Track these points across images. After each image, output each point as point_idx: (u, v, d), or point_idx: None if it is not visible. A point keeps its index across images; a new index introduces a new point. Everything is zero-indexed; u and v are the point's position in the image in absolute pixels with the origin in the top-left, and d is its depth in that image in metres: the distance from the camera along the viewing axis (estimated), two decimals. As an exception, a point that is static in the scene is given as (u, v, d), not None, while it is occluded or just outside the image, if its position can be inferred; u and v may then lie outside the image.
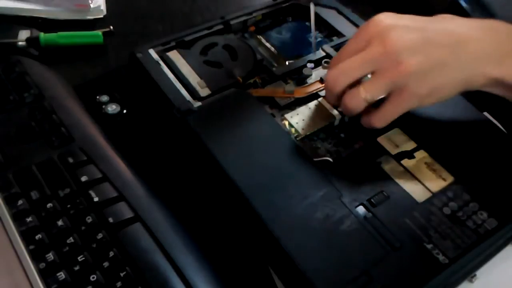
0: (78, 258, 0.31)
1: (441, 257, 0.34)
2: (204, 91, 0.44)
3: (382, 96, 0.38)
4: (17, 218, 0.33)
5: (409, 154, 0.40)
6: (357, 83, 0.38)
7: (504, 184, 0.38)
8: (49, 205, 0.34)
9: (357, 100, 0.37)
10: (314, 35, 0.49)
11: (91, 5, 0.54)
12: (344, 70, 0.38)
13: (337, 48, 0.49)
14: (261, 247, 0.36)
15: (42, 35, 0.50)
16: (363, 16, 0.52)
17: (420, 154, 0.40)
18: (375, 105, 0.38)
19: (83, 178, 0.35)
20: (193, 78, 0.45)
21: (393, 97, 0.37)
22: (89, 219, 0.33)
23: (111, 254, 0.32)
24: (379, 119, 0.39)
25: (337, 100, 0.40)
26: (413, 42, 0.36)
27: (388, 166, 0.39)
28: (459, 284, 0.35)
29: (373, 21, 0.38)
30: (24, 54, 0.48)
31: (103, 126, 0.41)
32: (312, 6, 0.50)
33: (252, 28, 0.52)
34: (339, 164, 0.39)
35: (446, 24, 0.38)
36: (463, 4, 0.61)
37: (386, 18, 0.38)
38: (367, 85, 0.37)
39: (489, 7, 0.57)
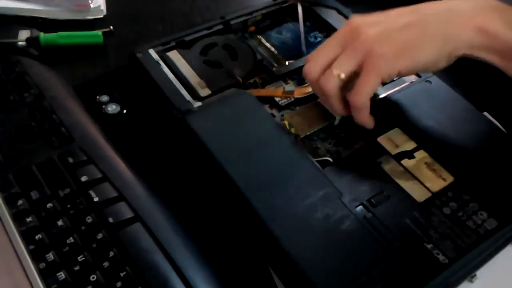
0: (78, 258, 0.31)
1: (441, 257, 0.34)
2: (204, 91, 0.44)
3: (352, 69, 0.38)
4: (17, 218, 0.33)
5: (409, 154, 0.40)
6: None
7: (504, 184, 0.38)
8: (49, 205, 0.34)
9: (330, 78, 0.38)
10: (303, 35, 0.49)
11: (91, 5, 0.54)
12: (314, 58, 0.39)
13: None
14: (261, 247, 0.36)
15: (42, 35, 0.50)
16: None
17: (420, 154, 0.40)
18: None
19: (83, 178, 0.35)
20: (193, 78, 0.45)
21: (363, 66, 0.37)
22: (89, 219, 0.33)
23: (111, 254, 0.32)
24: (358, 93, 0.38)
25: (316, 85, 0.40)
26: (375, 20, 0.38)
27: (388, 166, 0.39)
28: (459, 284, 0.35)
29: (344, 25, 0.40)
30: (24, 54, 0.48)
31: (103, 126, 0.41)
32: (299, 7, 0.50)
33: (252, 28, 0.52)
34: (339, 164, 0.39)
35: (412, 7, 0.39)
36: None
37: (355, 17, 0.39)
38: (336, 62, 0.38)
39: None
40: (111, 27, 0.53)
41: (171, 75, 0.45)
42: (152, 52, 0.46)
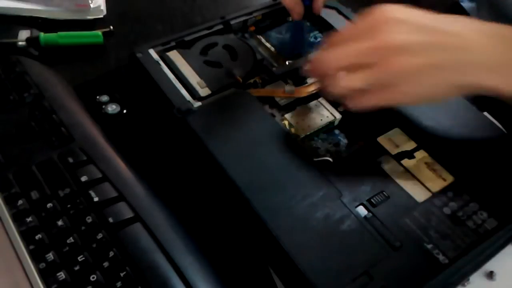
0: (78, 258, 0.31)
1: (441, 257, 0.34)
2: (204, 91, 0.44)
3: (367, 88, 0.36)
4: (17, 218, 0.33)
5: (409, 154, 0.40)
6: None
7: (504, 184, 0.38)
8: (49, 205, 0.34)
9: (342, 86, 0.36)
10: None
11: (91, 5, 0.54)
12: (338, 57, 0.36)
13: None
14: (261, 247, 0.36)
15: (42, 35, 0.50)
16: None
17: (420, 154, 0.40)
18: None
19: (83, 178, 0.35)
20: (193, 78, 0.45)
21: (377, 90, 0.36)
22: (89, 219, 0.33)
23: (111, 254, 0.32)
24: (356, 103, 0.37)
25: (320, 78, 0.39)
26: (411, 42, 0.35)
27: (388, 166, 0.39)
28: (459, 284, 0.35)
29: (379, 11, 0.36)
30: (24, 54, 0.48)
31: (103, 126, 0.41)
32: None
33: (252, 28, 0.52)
34: (339, 164, 0.39)
35: (453, 27, 0.36)
36: (466, 4, 0.61)
37: (391, 10, 0.36)
38: (355, 75, 0.35)
39: (496, 1, 0.56)
40: (111, 27, 0.53)
41: (171, 75, 0.45)
42: (152, 52, 0.46)
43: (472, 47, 0.36)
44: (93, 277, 0.31)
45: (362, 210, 0.36)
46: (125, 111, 0.44)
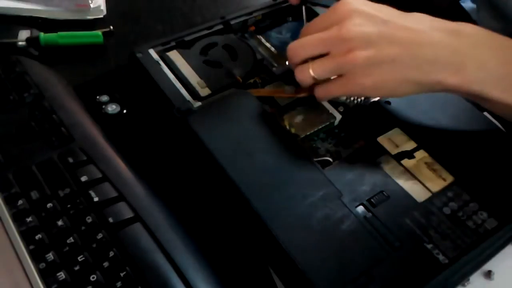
0: (78, 258, 0.31)
1: (441, 257, 0.34)
2: (204, 91, 0.44)
3: (328, 77, 0.39)
4: (17, 218, 0.33)
5: (409, 154, 0.40)
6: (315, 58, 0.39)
7: (504, 184, 0.38)
8: (49, 205, 0.34)
9: (305, 75, 0.39)
10: None
11: (91, 5, 0.54)
12: (303, 45, 0.39)
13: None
14: (261, 247, 0.36)
15: (42, 35, 0.50)
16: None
17: (420, 154, 0.40)
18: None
19: (83, 178, 0.35)
20: (193, 78, 0.45)
21: (339, 79, 0.38)
22: (89, 219, 0.33)
23: (111, 254, 0.32)
24: (321, 92, 0.40)
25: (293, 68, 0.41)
26: (368, 34, 0.36)
27: (388, 166, 0.39)
28: (459, 284, 0.35)
29: (342, 3, 0.38)
30: (24, 54, 0.48)
31: (103, 126, 0.41)
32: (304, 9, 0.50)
33: (252, 28, 0.52)
34: (339, 164, 0.39)
35: (411, 22, 0.37)
36: (468, 3, 0.61)
37: (353, 3, 0.38)
38: (315, 64, 0.38)
39: (496, 2, 0.56)
40: (111, 27, 0.53)
41: (171, 75, 0.45)
42: (152, 52, 0.46)
43: (426, 43, 0.36)
44: (93, 277, 0.31)
45: (362, 210, 0.36)
46: (125, 111, 0.44)
